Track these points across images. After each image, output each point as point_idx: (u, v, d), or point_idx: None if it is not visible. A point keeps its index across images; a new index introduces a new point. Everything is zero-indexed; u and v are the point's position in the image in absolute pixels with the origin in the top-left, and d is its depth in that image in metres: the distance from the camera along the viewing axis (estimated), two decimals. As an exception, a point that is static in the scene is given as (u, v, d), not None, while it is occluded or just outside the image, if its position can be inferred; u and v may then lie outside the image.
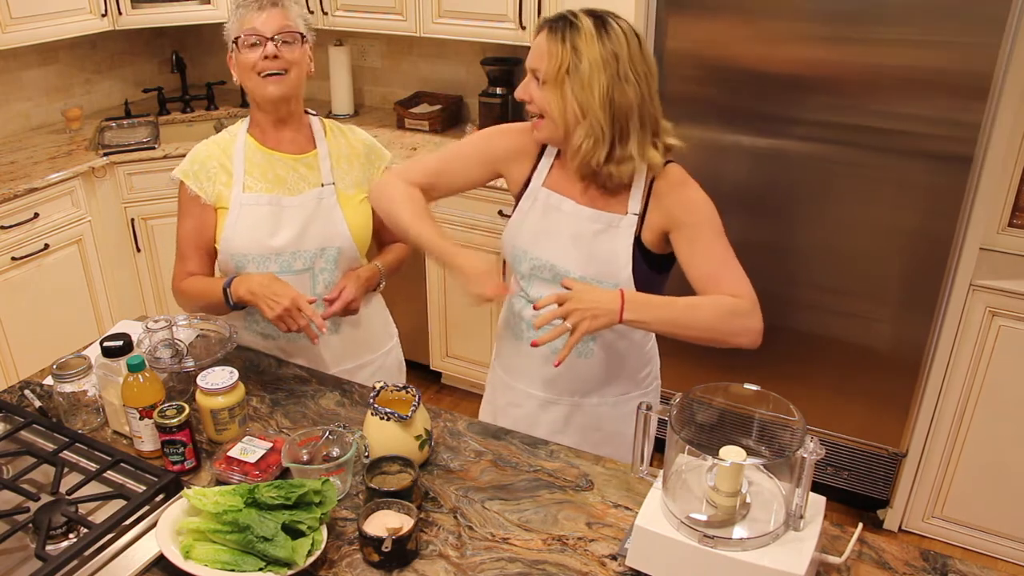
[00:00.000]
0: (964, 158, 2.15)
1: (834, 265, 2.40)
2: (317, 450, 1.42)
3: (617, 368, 1.69)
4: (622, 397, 1.72)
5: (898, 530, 2.66)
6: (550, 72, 1.46)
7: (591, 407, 1.71)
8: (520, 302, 1.68)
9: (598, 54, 1.42)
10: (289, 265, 1.77)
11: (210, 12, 3.44)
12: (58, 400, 1.54)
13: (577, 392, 1.70)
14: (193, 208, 1.77)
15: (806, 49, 2.23)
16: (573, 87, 1.45)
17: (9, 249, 2.82)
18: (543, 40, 1.48)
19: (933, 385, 2.41)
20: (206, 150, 1.79)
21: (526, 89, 1.52)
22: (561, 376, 1.68)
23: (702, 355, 2.61)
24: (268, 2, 1.69)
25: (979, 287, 2.27)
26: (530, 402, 1.74)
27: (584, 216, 1.57)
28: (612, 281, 1.55)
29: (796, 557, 1.12)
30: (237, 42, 1.70)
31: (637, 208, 1.54)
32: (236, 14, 1.71)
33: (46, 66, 3.47)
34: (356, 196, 1.83)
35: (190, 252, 1.79)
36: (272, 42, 1.68)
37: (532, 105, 1.52)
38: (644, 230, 1.55)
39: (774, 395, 1.22)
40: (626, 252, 1.55)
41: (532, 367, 1.71)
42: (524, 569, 1.24)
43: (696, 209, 1.53)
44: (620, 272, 1.55)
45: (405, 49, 3.64)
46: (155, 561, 1.24)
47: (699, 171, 1.59)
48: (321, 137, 1.82)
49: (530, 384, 1.73)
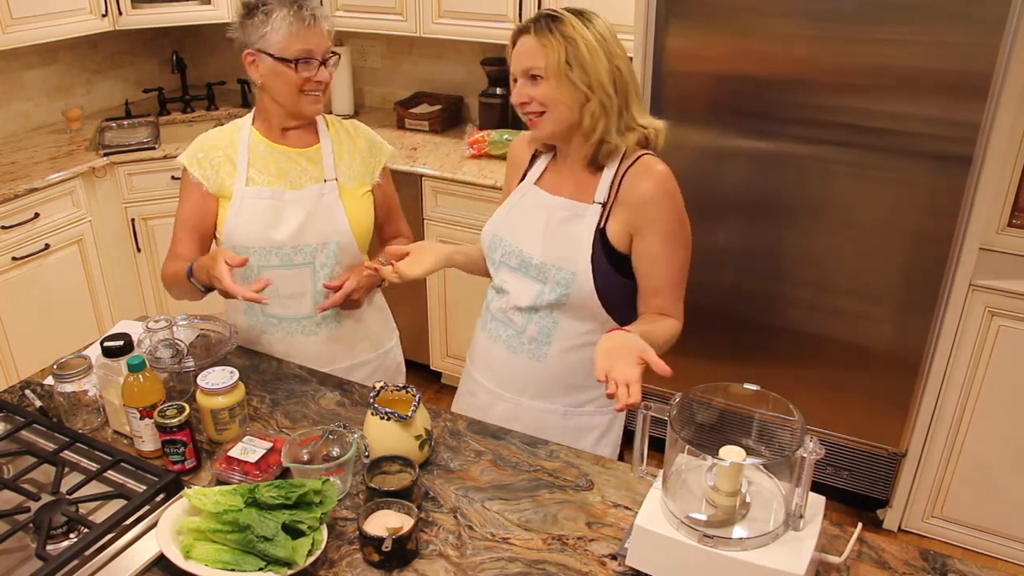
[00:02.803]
0: (964, 158, 2.14)
1: (834, 265, 2.40)
2: (317, 450, 1.42)
3: (569, 377, 1.64)
4: (572, 409, 1.67)
5: (898, 530, 2.66)
6: (551, 66, 1.47)
7: (537, 411, 1.67)
8: (490, 292, 1.71)
9: (591, 35, 1.47)
10: (290, 259, 1.77)
11: (210, 12, 3.45)
12: (58, 400, 1.54)
13: (525, 393, 1.67)
14: (194, 194, 1.79)
15: (806, 49, 2.23)
16: (577, 72, 1.47)
17: (9, 249, 2.82)
18: (530, 41, 1.49)
19: (933, 385, 2.41)
20: (212, 138, 1.81)
21: (522, 92, 1.52)
22: (511, 373, 1.67)
23: (702, 355, 2.62)
24: (316, 18, 1.69)
25: (979, 287, 2.27)
26: (483, 393, 1.74)
27: (555, 205, 1.59)
28: (570, 269, 1.55)
29: (796, 557, 1.13)
30: (290, 61, 1.67)
31: (603, 197, 1.55)
32: (280, 27, 1.67)
33: (46, 66, 3.47)
34: (358, 190, 1.84)
35: (183, 235, 1.81)
36: (323, 65, 1.71)
37: (532, 105, 1.52)
38: (610, 223, 1.55)
39: (774, 395, 1.22)
40: (587, 239, 1.55)
41: (486, 358, 1.72)
42: (524, 569, 1.24)
43: (670, 226, 1.53)
44: (578, 260, 1.54)
45: (405, 49, 3.64)
46: (155, 561, 1.24)
47: (699, 172, 1.59)
48: (324, 132, 1.84)
49: (484, 376, 1.74)
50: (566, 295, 1.56)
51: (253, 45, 1.69)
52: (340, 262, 1.81)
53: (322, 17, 1.70)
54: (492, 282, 1.71)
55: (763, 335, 2.58)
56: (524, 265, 1.61)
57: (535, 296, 1.60)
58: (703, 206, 2.50)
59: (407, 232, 2.03)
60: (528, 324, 1.62)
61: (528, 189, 1.65)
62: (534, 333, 1.62)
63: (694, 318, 2.16)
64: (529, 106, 1.52)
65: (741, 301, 2.56)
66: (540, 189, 1.64)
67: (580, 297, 1.55)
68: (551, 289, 1.57)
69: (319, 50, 1.70)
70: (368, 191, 1.87)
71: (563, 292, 1.56)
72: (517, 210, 1.66)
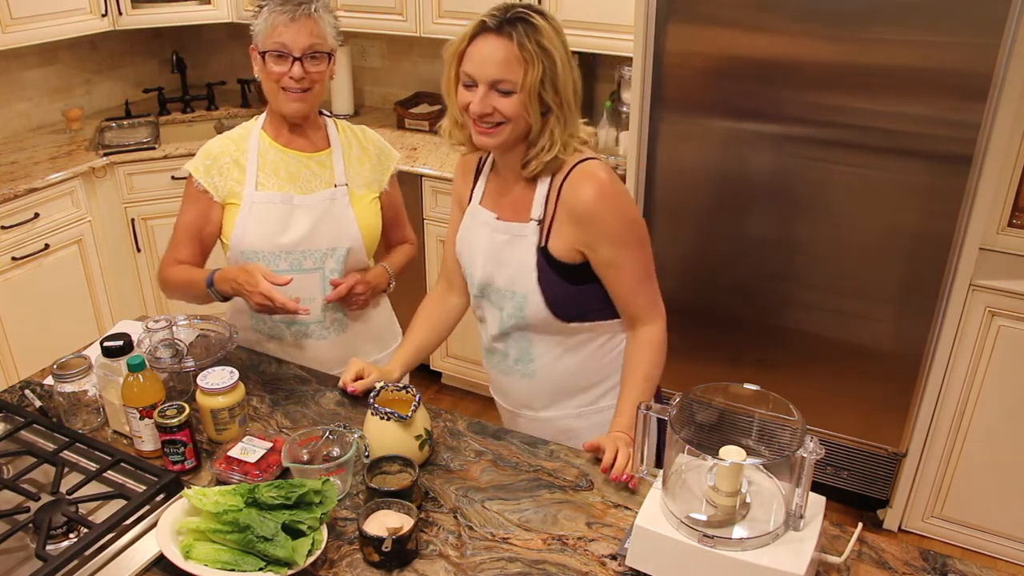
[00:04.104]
0: (964, 158, 2.14)
1: (834, 265, 2.40)
2: (317, 450, 1.42)
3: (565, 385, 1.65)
4: (585, 409, 1.67)
5: (898, 530, 2.66)
6: (528, 82, 1.37)
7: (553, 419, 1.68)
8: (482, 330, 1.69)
9: (562, 48, 1.40)
10: (299, 263, 1.77)
11: (210, 12, 3.45)
12: (58, 400, 1.54)
13: (535, 407, 1.68)
14: (198, 202, 1.78)
15: (805, 50, 2.23)
16: (550, 92, 1.39)
17: (9, 249, 2.82)
18: (503, 48, 1.36)
19: (933, 385, 2.41)
20: (219, 145, 1.79)
21: (486, 101, 1.39)
22: (515, 392, 1.69)
23: (702, 355, 2.62)
24: (301, 12, 1.63)
25: (979, 287, 2.27)
26: (505, 413, 1.78)
27: (496, 228, 1.56)
28: (522, 292, 1.53)
29: (796, 557, 1.13)
30: (264, 54, 1.66)
31: (539, 214, 1.49)
32: (265, 19, 1.65)
33: (46, 66, 3.47)
34: (367, 196, 1.83)
35: (185, 241, 1.79)
36: (299, 61, 1.65)
37: (494, 116, 1.41)
38: (552, 240, 1.49)
39: (774, 395, 1.22)
40: (530, 260, 1.50)
41: (494, 384, 1.76)
42: (524, 569, 1.24)
43: (622, 229, 1.47)
44: (527, 283, 1.51)
45: (405, 49, 3.64)
46: (155, 561, 1.24)
47: (698, 172, 1.59)
48: (335, 138, 1.82)
49: (500, 399, 1.77)
50: (523, 318, 1.55)
51: (254, 37, 1.70)
52: (348, 267, 1.81)
53: (314, 13, 1.64)
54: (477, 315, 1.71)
55: (763, 335, 2.58)
56: (484, 291, 1.61)
57: (500, 321, 1.60)
58: (702, 206, 2.51)
59: (412, 237, 2.02)
60: (508, 348, 1.63)
61: (475, 209, 1.61)
62: (516, 355, 1.63)
63: (694, 318, 2.18)
64: (491, 117, 1.41)
65: (741, 301, 2.56)
66: (483, 208, 1.59)
67: (537, 316, 1.54)
68: (509, 314, 1.57)
69: (296, 45, 1.63)
70: (376, 197, 1.86)
71: (520, 315, 1.55)
72: (466, 232, 1.62)
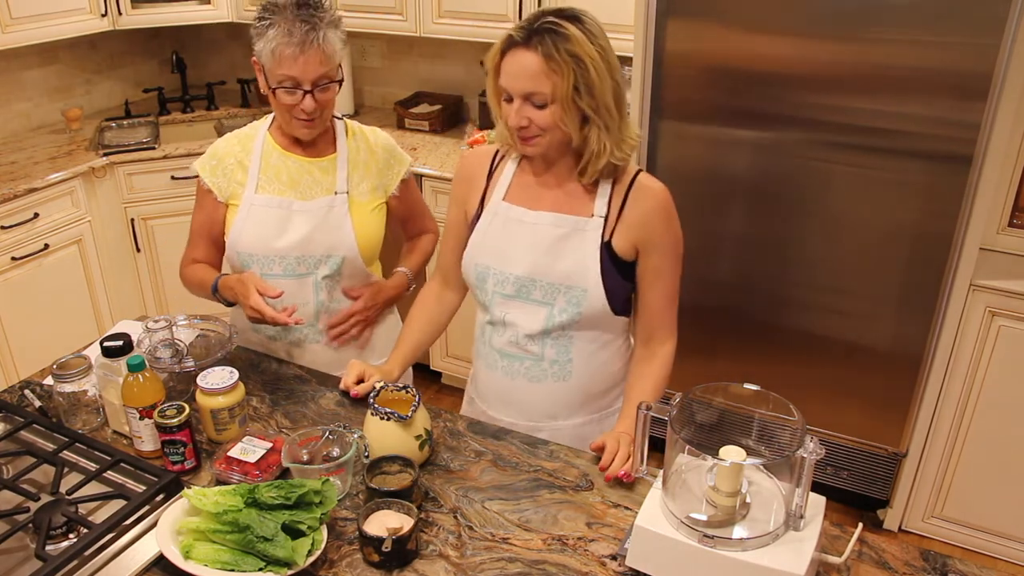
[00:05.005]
0: (964, 158, 2.14)
1: (834, 265, 2.40)
2: (317, 450, 1.42)
3: (594, 385, 1.62)
4: (606, 411, 1.66)
5: (898, 530, 2.66)
6: (560, 95, 1.36)
7: (574, 427, 1.64)
8: (487, 329, 1.62)
9: (596, 54, 1.36)
10: (293, 269, 1.76)
11: (210, 12, 3.45)
12: (58, 400, 1.54)
13: (557, 416, 1.62)
14: (206, 201, 1.80)
15: (805, 50, 2.23)
16: (585, 98, 1.38)
17: (9, 249, 2.82)
18: (532, 61, 1.36)
19: (933, 385, 2.41)
20: (225, 145, 1.80)
21: (522, 115, 1.40)
22: (534, 402, 1.61)
23: (702, 355, 2.62)
24: (309, 42, 1.58)
25: (979, 287, 2.27)
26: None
27: (546, 222, 1.51)
28: (580, 286, 1.49)
29: (796, 557, 1.13)
30: (275, 89, 1.63)
31: (603, 211, 1.49)
32: (272, 47, 1.59)
33: (46, 66, 3.47)
34: (369, 204, 1.81)
35: (199, 241, 1.84)
36: (310, 94, 1.63)
37: (531, 128, 1.41)
38: (616, 235, 1.50)
39: (774, 395, 1.22)
40: (593, 255, 1.49)
41: (502, 395, 1.64)
42: (524, 569, 1.24)
43: (674, 243, 1.52)
44: (588, 277, 1.49)
45: (405, 49, 3.64)
46: (155, 561, 1.24)
47: (698, 172, 1.59)
48: (343, 141, 1.79)
49: (502, 412, 1.66)
50: (579, 313, 1.51)
51: (257, 53, 1.65)
52: (343, 275, 1.80)
53: (320, 40, 1.59)
54: (486, 317, 1.61)
55: (763, 335, 2.58)
56: (522, 290, 1.53)
57: (545, 320, 1.53)
58: (702, 206, 2.51)
59: (433, 227, 2.01)
60: (544, 349, 1.56)
61: (499, 208, 1.56)
62: (553, 355, 1.57)
63: (694, 318, 2.17)
64: (528, 129, 1.42)
65: (741, 301, 2.56)
66: (514, 205, 1.55)
67: (593, 312, 1.51)
68: (561, 310, 1.52)
69: (306, 79, 1.60)
70: (381, 204, 1.83)
71: (575, 311, 1.51)
72: (493, 232, 1.56)
